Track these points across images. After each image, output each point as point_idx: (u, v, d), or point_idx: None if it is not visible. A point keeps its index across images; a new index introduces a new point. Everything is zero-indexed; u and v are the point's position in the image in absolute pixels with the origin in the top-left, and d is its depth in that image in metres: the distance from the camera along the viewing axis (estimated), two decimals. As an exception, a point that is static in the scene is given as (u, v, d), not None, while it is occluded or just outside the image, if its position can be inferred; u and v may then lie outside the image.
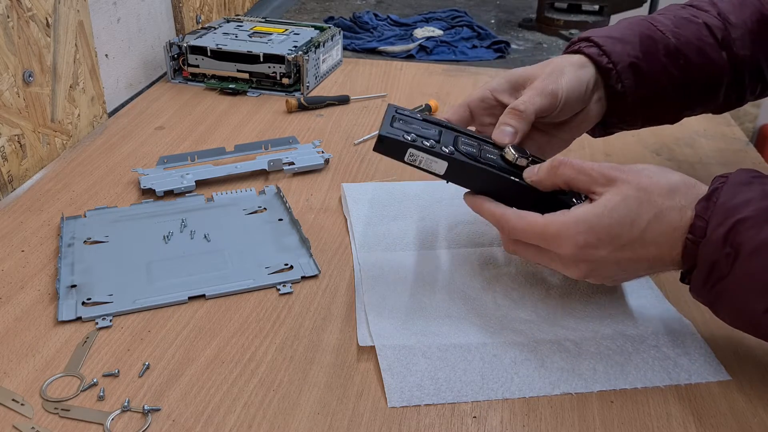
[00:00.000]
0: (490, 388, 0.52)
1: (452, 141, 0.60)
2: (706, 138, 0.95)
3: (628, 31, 0.68)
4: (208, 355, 0.56)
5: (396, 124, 0.59)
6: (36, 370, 0.54)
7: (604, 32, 0.68)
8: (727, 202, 0.48)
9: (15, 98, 0.79)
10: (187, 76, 1.09)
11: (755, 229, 0.47)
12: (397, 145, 0.57)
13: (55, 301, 0.61)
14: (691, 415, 0.51)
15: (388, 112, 0.61)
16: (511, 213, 0.56)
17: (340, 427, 0.49)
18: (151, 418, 0.49)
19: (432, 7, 1.57)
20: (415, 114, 0.63)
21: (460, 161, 0.57)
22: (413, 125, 0.60)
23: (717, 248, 0.48)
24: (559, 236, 0.52)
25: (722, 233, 0.48)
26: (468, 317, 0.59)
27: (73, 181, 0.81)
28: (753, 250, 0.47)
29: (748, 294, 0.48)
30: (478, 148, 0.60)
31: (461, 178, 0.59)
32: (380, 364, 0.54)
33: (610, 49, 0.66)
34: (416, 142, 0.57)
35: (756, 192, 0.49)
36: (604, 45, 0.66)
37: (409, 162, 0.58)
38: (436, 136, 0.60)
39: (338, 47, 1.17)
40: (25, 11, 0.79)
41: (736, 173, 0.51)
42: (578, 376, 0.54)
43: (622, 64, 0.66)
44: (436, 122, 0.63)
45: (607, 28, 0.69)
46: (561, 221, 0.52)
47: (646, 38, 0.67)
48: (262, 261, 0.66)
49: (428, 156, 0.57)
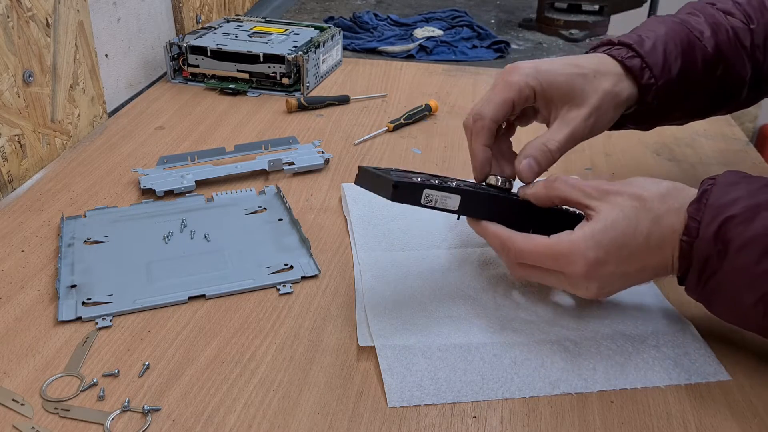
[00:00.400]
0: (490, 388, 0.52)
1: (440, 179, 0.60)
2: (706, 138, 0.95)
3: (670, 39, 0.64)
4: (208, 355, 0.56)
5: (393, 173, 0.57)
6: (36, 370, 0.54)
7: (648, 39, 0.64)
8: (717, 202, 0.50)
9: (15, 98, 0.79)
10: (187, 76, 1.09)
11: (743, 225, 0.49)
12: (412, 189, 0.55)
13: (55, 301, 0.61)
14: (691, 415, 0.51)
15: (367, 169, 0.58)
16: (517, 235, 0.56)
17: (340, 427, 0.49)
18: (151, 418, 0.49)
19: (432, 7, 1.57)
20: (388, 168, 0.61)
21: (470, 192, 0.57)
22: (404, 172, 0.59)
23: (709, 245, 0.50)
24: (569, 254, 0.53)
25: (713, 230, 0.50)
26: (468, 317, 0.59)
27: (73, 181, 0.81)
28: (741, 246, 0.49)
29: (737, 288, 0.50)
30: (459, 181, 0.61)
31: (471, 210, 0.58)
32: (380, 364, 0.54)
33: (653, 62, 0.63)
34: (425, 182, 0.56)
35: (743, 191, 0.50)
36: (647, 57, 0.63)
37: (425, 204, 0.56)
38: (428, 177, 0.59)
39: (338, 47, 1.17)
40: (25, 11, 0.79)
41: (724, 175, 0.53)
42: (578, 376, 0.54)
43: (663, 79, 0.63)
44: (419, 172, 0.62)
45: (647, 30, 0.66)
46: (569, 240, 0.53)
47: (687, 48, 0.65)
48: (262, 261, 0.66)
49: (442, 193, 0.56)
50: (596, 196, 0.54)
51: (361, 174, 0.59)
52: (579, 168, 0.87)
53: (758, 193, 0.50)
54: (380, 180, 0.56)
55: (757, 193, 0.50)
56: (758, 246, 0.48)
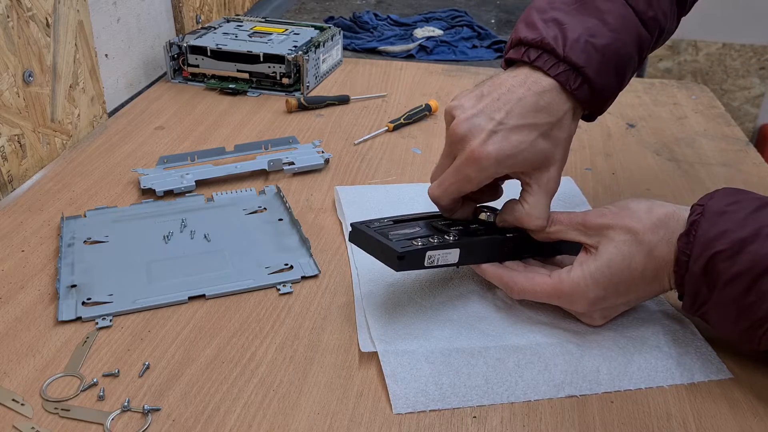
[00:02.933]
0: (495, 392, 0.52)
1: (437, 228, 0.59)
2: (706, 138, 0.95)
3: (613, 50, 0.58)
4: (208, 355, 0.55)
5: (391, 235, 0.57)
6: (36, 370, 0.54)
7: (594, 61, 0.56)
8: (705, 235, 0.51)
9: (15, 98, 0.79)
10: (187, 76, 1.09)
11: (730, 260, 0.50)
12: (416, 256, 0.55)
13: (55, 301, 0.61)
14: (691, 415, 0.51)
15: (363, 230, 0.57)
16: (519, 276, 0.58)
17: (340, 427, 0.49)
18: (151, 418, 0.49)
19: (432, 7, 1.57)
20: (381, 220, 0.60)
21: (467, 243, 0.58)
22: (397, 231, 0.58)
23: (698, 279, 0.52)
24: (571, 295, 0.56)
25: (701, 265, 0.51)
26: (469, 321, 0.59)
27: (73, 181, 0.81)
28: (728, 281, 0.50)
29: (728, 317, 0.52)
30: (456, 223, 0.61)
31: (470, 258, 0.59)
32: (383, 370, 0.53)
33: (602, 85, 0.58)
34: (427, 244, 0.56)
35: (730, 222, 0.51)
36: (595, 81, 0.57)
37: (428, 266, 0.56)
38: (425, 230, 0.58)
39: (338, 47, 1.17)
40: (25, 11, 0.79)
41: (713, 202, 0.53)
42: (582, 378, 0.53)
43: (607, 95, 0.59)
44: (403, 218, 0.61)
45: (599, 30, 0.57)
46: (570, 280, 0.55)
47: (623, 55, 0.59)
48: (262, 261, 0.66)
49: (443, 251, 0.56)
50: (593, 233, 0.56)
51: (356, 233, 0.58)
52: (579, 168, 0.87)
53: (745, 223, 0.50)
54: (382, 247, 0.56)
55: (744, 223, 0.50)
56: (744, 280, 0.50)
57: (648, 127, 0.99)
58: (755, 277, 0.49)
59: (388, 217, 0.61)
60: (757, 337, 0.51)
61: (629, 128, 0.98)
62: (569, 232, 0.57)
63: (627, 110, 1.04)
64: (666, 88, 1.13)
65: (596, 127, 0.98)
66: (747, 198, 0.53)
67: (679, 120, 1.01)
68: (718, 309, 0.52)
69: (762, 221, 0.50)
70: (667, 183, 0.84)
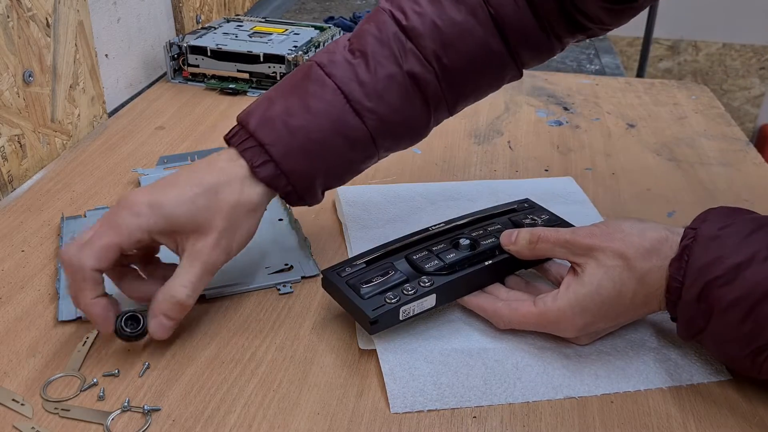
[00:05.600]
0: (493, 393, 0.52)
1: (412, 264, 0.57)
2: (706, 138, 0.95)
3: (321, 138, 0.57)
4: (208, 355, 0.55)
5: (363, 290, 0.55)
6: (36, 370, 0.54)
7: (287, 138, 0.56)
8: (697, 262, 0.50)
9: (15, 98, 0.79)
10: (187, 76, 1.09)
11: (726, 287, 0.48)
12: (389, 316, 0.53)
13: (55, 301, 0.61)
14: (691, 415, 0.51)
15: (335, 282, 0.56)
16: (503, 308, 0.56)
17: (340, 427, 0.49)
18: (151, 418, 0.49)
19: (432, 7, 1.57)
20: (354, 262, 0.58)
21: (443, 285, 0.56)
22: (366, 275, 0.56)
23: (692, 307, 0.50)
24: (558, 322, 0.54)
25: (695, 293, 0.50)
26: (468, 321, 0.59)
27: (73, 181, 0.81)
28: (725, 308, 0.49)
29: (726, 344, 0.51)
30: (434, 253, 0.58)
31: (449, 296, 0.57)
32: (382, 368, 0.53)
33: (290, 169, 0.57)
34: (399, 298, 0.54)
35: (725, 247, 0.49)
36: (282, 164, 0.56)
37: (404, 319, 0.55)
38: (400, 273, 0.56)
39: (338, 47, 1.17)
40: (25, 11, 0.79)
41: (705, 225, 0.51)
42: (581, 380, 0.53)
43: (303, 185, 0.59)
44: (377, 253, 0.59)
45: (297, 110, 0.57)
46: (556, 308, 0.53)
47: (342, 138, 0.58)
48: (262, 261, 0.66)
49: (417, 301, 0.55)
50: (581, 253, 0.54)
51: (327, 283, 0.58)
52: (579, 168, 0.87)
53: (740, 249, 0.49)
54: (353, 306, 0.54)
55: (739, 249, 0.49)
56: (742, 308, 0.48)
57: (648, 127, 0.99)
58: (753, 304, 0.47)
59: (363, 253, 0.59)
60: (758, 364, 0.49)
61: (629, 128, 0.98)
62: (555, 250, 0.55)
63: (627, 110, 1.04)
64: (666, 88, 1.13)
65: (596, 127, 0.98)
66: (741, 220, 0.51)
67: (679, 120, 1.01)
68: (714, 337, 0.51)
69: (757, 245, 0.49)
70: (667, 183, 0.84)
